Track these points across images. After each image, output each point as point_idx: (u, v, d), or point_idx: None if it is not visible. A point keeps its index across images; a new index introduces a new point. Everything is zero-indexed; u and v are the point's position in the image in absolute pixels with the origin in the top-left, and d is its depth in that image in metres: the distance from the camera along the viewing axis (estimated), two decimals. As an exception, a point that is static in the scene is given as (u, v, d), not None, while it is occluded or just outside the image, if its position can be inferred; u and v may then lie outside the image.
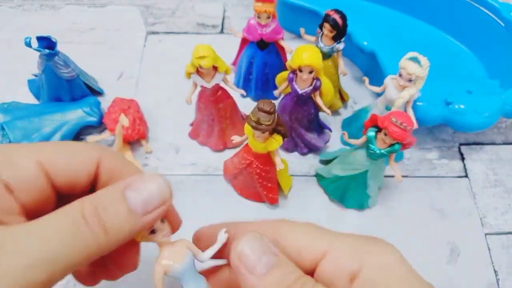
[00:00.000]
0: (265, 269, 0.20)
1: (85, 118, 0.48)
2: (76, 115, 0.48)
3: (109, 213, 0.20)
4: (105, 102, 0.52)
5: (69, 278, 0.41)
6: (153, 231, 0.23)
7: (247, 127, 0.38)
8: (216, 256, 0.25)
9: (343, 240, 0.22)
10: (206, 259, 0.25)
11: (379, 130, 0.38)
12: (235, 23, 0.63)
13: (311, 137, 0.48)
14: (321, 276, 0.21)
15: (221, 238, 0.24)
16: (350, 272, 0.20)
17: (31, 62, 0.51)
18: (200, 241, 0.26)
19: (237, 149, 0.45)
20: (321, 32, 0.46)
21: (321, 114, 0.48)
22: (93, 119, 0.48)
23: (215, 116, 0.47)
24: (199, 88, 0.44)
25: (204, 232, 0.27)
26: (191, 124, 0.51)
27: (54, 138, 0.47)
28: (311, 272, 0.22)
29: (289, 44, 0.49)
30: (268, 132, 0.37)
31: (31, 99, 0.54)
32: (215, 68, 0.42)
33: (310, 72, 0.41)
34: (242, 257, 0.21)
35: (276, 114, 0.37)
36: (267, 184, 0.43)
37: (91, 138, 0.47)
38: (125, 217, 0.20)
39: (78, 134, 0.50)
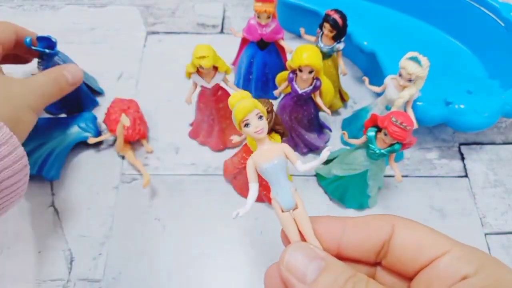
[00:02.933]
0: (314, 275, 0.20)
1: (81, 134, 0.48)
2: (71, 130, 0.48)
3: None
4: (101, 111, 0.52)
5: (69, 277, 0.41)
6: (246, 125, 0.24)
7: (246, 127, 0.38)
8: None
9: (464, 246, 0.22)
10: (302, 170, 0.25)
11: (379, 130, 0.38)
12: (235, 23, 0.63)
13: (311, 137, 0.48)
14: (433, 273, 0.21)
15: (323, 155, 0.24)
16: (465, 274, 0.20)
17: (31, 62, 0.51)
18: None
19: (237, 149, 0.45)
20: (321, 32, 0.46)
21: (321, 114, 0.48)
22: (88, 134, 0.48)
23: (215, 116, 0.47)
24: (199, 88, 0.45)
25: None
26: (191, 124, 0.51)
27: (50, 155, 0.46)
28: (419, 270, 0.22)
29: (289, 44, 0.49)
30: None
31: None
32: (215, 68, 0.42)
33: (310, 72, 0.41)
34: (291, 268, 0.21)
35: (273, 113, 0.37)
36: (267, 183, 0.43)
37: (91, 140, 0.47)
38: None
39: (73, 148, 0.49)
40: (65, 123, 0.48)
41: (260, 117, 0.24)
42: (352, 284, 0.20)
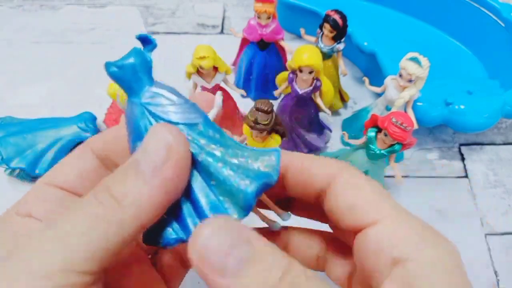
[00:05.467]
0: (237, 267, 0.15)
1: (80, 134, 0.47)
2: (70, 131, 0.47)
3: (117, 183, 0.16)
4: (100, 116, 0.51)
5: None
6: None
7: (245, 127, 0.38)
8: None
9: (400, 215, 0.18)
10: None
11: (379, 130, 0.38)
12: (235, 23, 0.63)
13: (311, 137, 0.48)
14: (362, 245, 0.18)
15: (218, 99, 0.24)
16: (397, 256, 0.17)
17: (31, 62, 0.51)
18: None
19: (237, 150, 0.45)
20: (321, 33, 0.46)
21: (321, 114, 0.48)
22: (88, 135, 0.47)
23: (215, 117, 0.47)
24: (199, 89, 0.45)
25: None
26: (191, 125, 0.51)
27: (48, 155, 0.45)
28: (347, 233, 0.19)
29: (289, 44, 0.49)
30: (266, 132, 0.37)
31: (30, 99, 0.54)
32: (215, 69, 0.42)
33: (310, 73, 0.41)
34: (205, 254, 0.15)
35: (274, 113, 0.37)
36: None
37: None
38: (133, 182, 0.16)
39: (73, 149, 0.48)
40: (65, 123, 0.48)
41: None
42: (288, 284, 0.15)
